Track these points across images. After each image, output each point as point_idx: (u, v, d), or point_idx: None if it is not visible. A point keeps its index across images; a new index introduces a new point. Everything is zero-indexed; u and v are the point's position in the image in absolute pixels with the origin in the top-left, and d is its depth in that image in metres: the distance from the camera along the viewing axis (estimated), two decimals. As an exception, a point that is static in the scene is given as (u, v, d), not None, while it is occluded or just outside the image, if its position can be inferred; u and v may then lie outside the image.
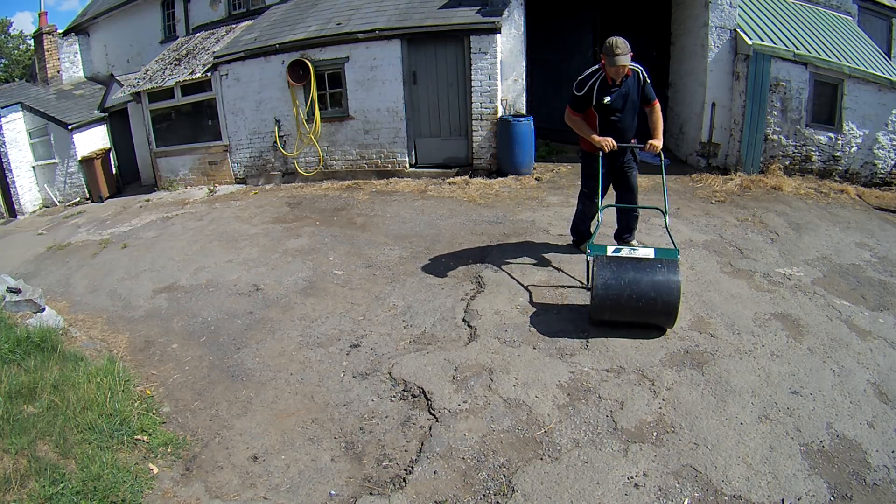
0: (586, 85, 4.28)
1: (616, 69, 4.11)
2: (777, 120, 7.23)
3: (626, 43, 4.07)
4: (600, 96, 4.27)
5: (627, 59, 4.06)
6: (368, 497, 2.72)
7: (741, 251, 5.09)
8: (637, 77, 4.30)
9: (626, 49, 4.06)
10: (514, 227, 5.92)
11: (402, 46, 8.10)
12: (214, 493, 2.83)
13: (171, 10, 12.46)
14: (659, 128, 4.38)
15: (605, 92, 4.26)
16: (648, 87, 4.33)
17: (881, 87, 7.13)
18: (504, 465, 2.83)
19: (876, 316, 4.03)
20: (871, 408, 3.09)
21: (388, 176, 8.55)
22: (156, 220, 7.96)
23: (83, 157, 10.99)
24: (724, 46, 7.31)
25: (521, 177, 7.78)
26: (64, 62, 13.70)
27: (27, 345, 3.74)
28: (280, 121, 8.99)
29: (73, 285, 5.86)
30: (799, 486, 2.61)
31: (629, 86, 4.30)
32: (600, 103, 4.29)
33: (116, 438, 3.01)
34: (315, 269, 5.36)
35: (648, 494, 2.61)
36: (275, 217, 7.21)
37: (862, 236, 5.48)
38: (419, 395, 3.41)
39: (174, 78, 9.66)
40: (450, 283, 4.78)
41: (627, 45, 4.08)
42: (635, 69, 4.27)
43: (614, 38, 4.10)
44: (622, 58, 4.04)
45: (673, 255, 3.80)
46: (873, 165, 7.33)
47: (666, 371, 3.43)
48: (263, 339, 4.26)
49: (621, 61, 4.04)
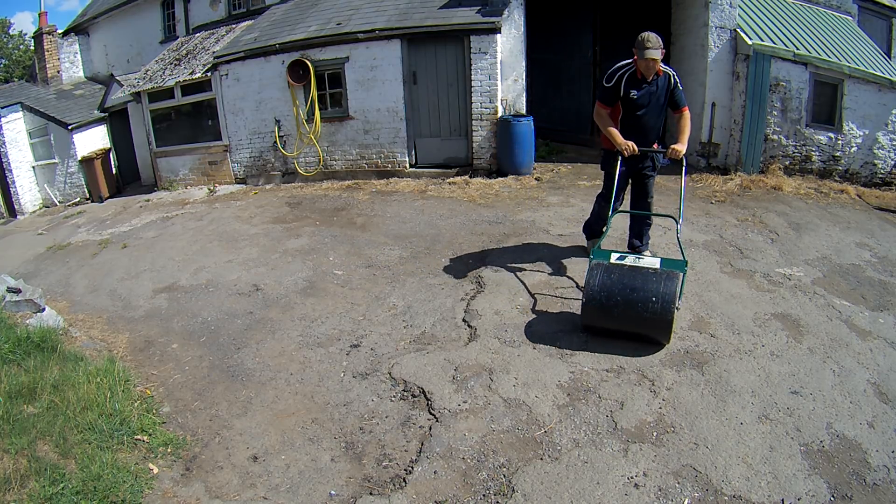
0: (615, 76, 4.20)
1: (646, 63, 4.03)
2: (777, 120, 7.24)
3: (658, 38, 4.02)
4: (628, 89, 4.18)
5: (658, 53, 4.00)
6: (368, 497, 2.72)
7: (741, 251, 5.09)
8: (668, 80, 4.21)
9: (658, 44, 4.00)
10: (514, 227, 5.92)
11: (402, 46, 8.10)
12: (214, 493, 2.83)
13: (171, 10, 12.46)
14: (685, 134, 4.23)
15: (634, 85, 4.18)
16: (679, 92, 4.25)
17: (881, 87, 7.13)
18: (504, 465, 2.83)
19: (876, 316, 4.03)
20: (871, 408, 3.09)
21: (388, 176, 8.54)
22: (156, 220, 7.96)
23: (83, 157, 10.99)
24: (724, 46, 7.31)
25: (521, 177, 7.78)
26: (64, 62, 13.70)
27: (27, 345, 3.74)
28: (280, 121, 8.99)
29: (73, 285, 5.86)
30: (799, 486, 2.61)
31: (659, 85, 4.21)
32: (627, 96, 4.20)
33: (116, 438, 3.01)
34: (315, 269, 5.36)
35: (648, 494, 2.61)
36: (275, 217, 7.21)
37: (862, 236, 5.48)
38: (419, 395, 3.41)
39: (174, 78, 9.66)
40: (450, 283, 4.77)
41: (660, 40, 4.03)
42: (667, 71, 4.20)
43: (647, 32, 4.04)
44: (653, 51, 3.97)
45: (679, 266, 3.68)
46: (873, 165, 7.33)
47: (666, 371, 3.43)
48: (263, 339, 4.26)
49: (651, 54, 3.97)
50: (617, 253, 3.90)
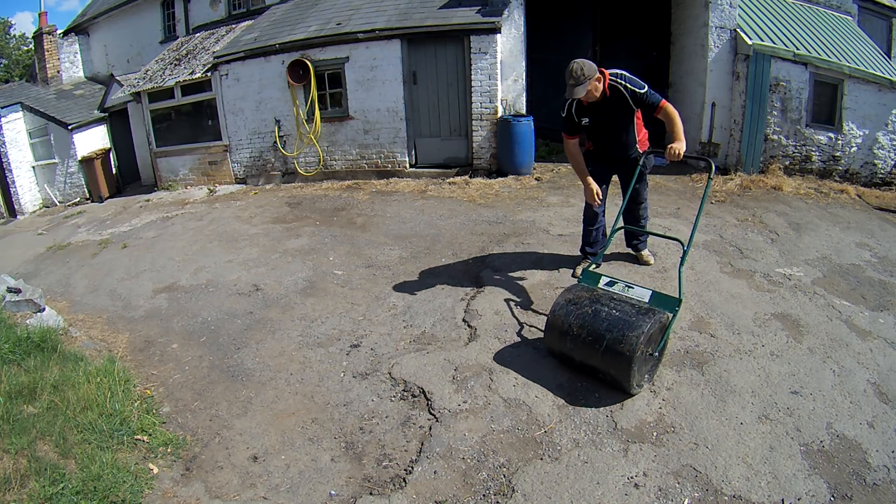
0: (566, 106, 4.10)
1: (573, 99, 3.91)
2: (777, 120, 7.24)
3: (582, 69, 3.71)
4: (579, 117, 4.09)
5: (582, 90, 3.75)
6: (368, 497, 2.72)
7: (741, 251, 5.09)
8: (618, 93, 3.90)
9: (581, 77, 3.70)
10: (514, 227, 5.92)
11: (402, 46, 8.10)
12: (214, 493, 2.83)
13: (171, 10, 12.47)
14: (677, 128, 3.81)
15: (583, 113, 4.07)
16: (642, 96, 3.86)
17: (881, 87, 7.13)
18: (504, 465, 2.83)
19: (876, 316, 4.03)
20: (871, 408, 3.09)
21: (388, 176, 8.55)
22: (156, 220, 7.96)
23: (83, 157, 10.99)
24: (724, 46, 7.31)
25: (521, 177, 7.78)
26: (64, 62, 13.71)
27: (27, 345, 3.74)
28: (280, 121, 8.99)
29: (73, 285, 5.86)
30: (799, 486, 2.61)
31: (610, 102, 3.94)
32: (580, 125, 4.13)
33: (116, 438, 3.01)
34: (315, 269, 5.36)
35: (648, 494, 2.61)
36: (275, 217, 7.21)
37: (862, 236, 5.48)
38: (419, 395, 3.41)
39: (174, 78, 9.66)
40: (450, 283, 4.77)
41: (586, 69, 3.72)
42: (616, 84, 3.88)
43: (573, 63, 3.76)
44: (576, 89, 3.74)
45: (671, 305, 3.23)
46: (873, 165, 7.33)
47: (666, 371, 3.43)
48: (263, 339, 4.26)
49: (575, 93, 3.76)
50: (606, 278, 3.52)
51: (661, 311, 3.15)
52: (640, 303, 3.25)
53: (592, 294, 3.35)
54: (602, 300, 3.26)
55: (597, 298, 3.29)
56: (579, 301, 3.30)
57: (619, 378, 3.12)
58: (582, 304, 3.27)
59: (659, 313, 3.12)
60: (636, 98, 3.89)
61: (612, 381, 3.19)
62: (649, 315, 3.08)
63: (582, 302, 3.28)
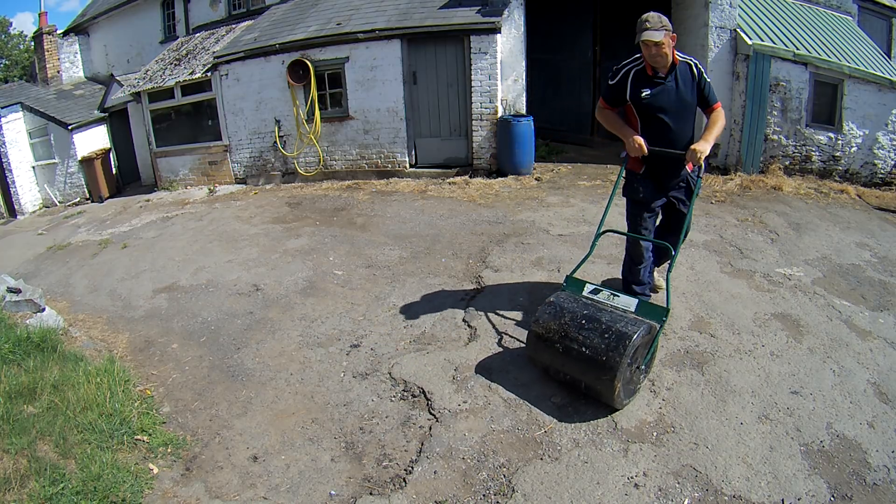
0: (620, 73, 3.41)
1: (647, 49, 3.21)
2: (777, 120, 7.24)
3: (660, 18, 3.18)
4: (637, 88, 3.35)
5: (659, 34, 3.12)
6: (368, 497, 2.72)
7: (741, 251, 5.09)
8: (690, 70, 3.35)
9: (660, 23, 3.15)
10: (514, 227, 5.92)
11: (402, 46, 8.10)
12: (214, 493, 2.83)
13: (171, 10, 12.47)
14: (711, 131, 3.35)
15: (644, 83, 3.35)
16: (707, 85, 3.38)
17: (881, 87, 7.13)
18: (504, 465, 2.83)
19: (876, 316, 4.02)
20: (871, 408, 3.09)
21: (388, 176, 8.55)
22: (156, 220, 7.96)
23: (83, 157, 10.99)
24: (724, 46, 7.32)
25: (521, 177, 7.78)
26: (64, 62, 13.71)
27: (27, 345, 3.74)
28: (280, 121, 8.99)
29: (73, 285, 5.86)
30: (799, 486, 2.61)
31: (679, 79, 3.33)
32: (637, 97, 3.37)
33: (116, 438, 3.01)
34: (315, 269, 5.36)
35: (648, 494, 2.61)
36: (275, 217, 7.21)
37: (862, 236, 5.48)
38: (419, 395, 3.41)
39: (174, 78, 9.66)
40: (450, 283, 4.77)
41: (664, 19, 3.18)
42: (688, 60, 3.36)
43: (648, 13, 3.24)
44: (651, 32, 3.12)
45: (657, 315, 3.06)
46: (873, 165, 7.33)
47: (666, 371, 3.43)
48: (263, 339, 4.26)
49: (649, 36, 3.13)
50: (591, 285, 3.33)
51: (647, 321, 2.99)
52: (625, 313, 3.07)
53: (576, 303, 3.17)
54: (586, 310, 3.10)
55: (580, 308, 3.12)
56: (561, 312, 3.13)
57: (603, 394, 2.99)
58: (564, 314, 3.11)
59: (645, 324, 2.95)
60: (702, 83, 3.39)
61: (597, 396, 3.06)
62: (635, 326, 2.92)
63: (564, 312, 3.12)
